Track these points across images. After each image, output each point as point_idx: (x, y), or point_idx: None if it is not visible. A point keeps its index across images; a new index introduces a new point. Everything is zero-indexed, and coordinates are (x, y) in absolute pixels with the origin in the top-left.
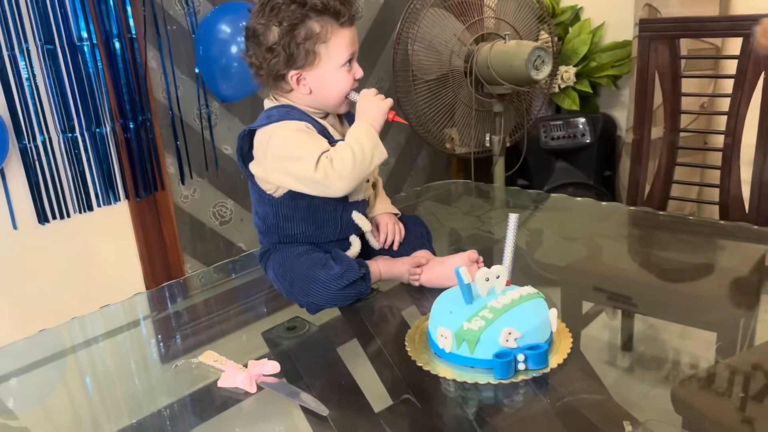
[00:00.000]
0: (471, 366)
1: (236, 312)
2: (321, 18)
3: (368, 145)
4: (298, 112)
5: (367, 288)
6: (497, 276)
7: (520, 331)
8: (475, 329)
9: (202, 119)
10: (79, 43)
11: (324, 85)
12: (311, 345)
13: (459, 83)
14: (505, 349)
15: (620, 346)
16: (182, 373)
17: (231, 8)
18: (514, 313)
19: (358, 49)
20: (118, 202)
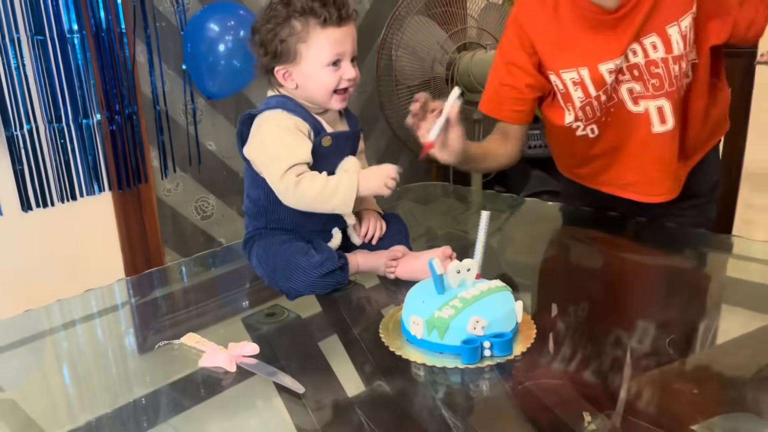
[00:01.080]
0: (440, 352)
1: (217, 300)
2: (304, 18)
3: (340, 195)
4: (293, 103)
5: (345, 278)
6: (468, 269)
7: (487, 320)
8: (445, 317)
9: (187, 115)
10: (69, 35)
11: (308, 81)
12: (289, 330)
13: (441, 90)
14: (473, 336)
15: (582, 339)
16: (165, 352)
17: (220, 7)
18: (482, 303)
19: (352, 50)
20: (101, 193)
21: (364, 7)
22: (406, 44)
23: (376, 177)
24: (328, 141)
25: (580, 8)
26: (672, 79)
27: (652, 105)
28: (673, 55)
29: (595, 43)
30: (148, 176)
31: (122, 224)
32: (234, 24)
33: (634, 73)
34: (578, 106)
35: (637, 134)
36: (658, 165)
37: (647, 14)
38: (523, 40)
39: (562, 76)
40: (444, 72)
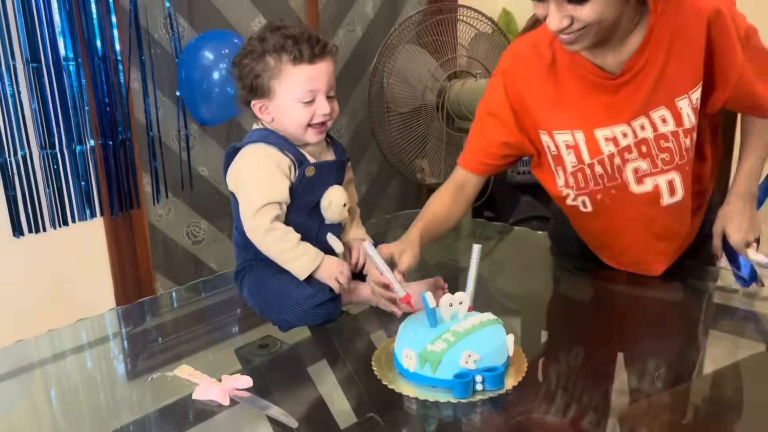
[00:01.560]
0: (432, 386)
1: (209, 330)
2: (277, 54)
3: (298, 265)
4: (275, 136)
5: (337, 309)
6: (460, 302)
7: (479, 354)
8: (437, 351)
9: (180, 140)
10: (64, 62)
11: (282, 116)
12: (282, 362)
13: (431, 117)
14: (465, 370)
15: (573, 372)
16: (158, 384)
17: (214, 36)
18: (474, 337)
19: (328, 86)
20: (94, 218)
21: (357, 35)
22: (397, 72)
23: (334, 269)
24: (312, 171)
25: (579, 68)
26: (683, 152)
27: (662, 180)
28: (684, 129)
29: (593, 107)
30: (141, 202)
31: (114, 250)
32: (228, 52)
33: (642, 150)
34: (569, 171)
35: (644, 212)
36: (665, 234)
37: (653, 85)
38: (512, 94)
39: (555, 137)
40: (435, 99)
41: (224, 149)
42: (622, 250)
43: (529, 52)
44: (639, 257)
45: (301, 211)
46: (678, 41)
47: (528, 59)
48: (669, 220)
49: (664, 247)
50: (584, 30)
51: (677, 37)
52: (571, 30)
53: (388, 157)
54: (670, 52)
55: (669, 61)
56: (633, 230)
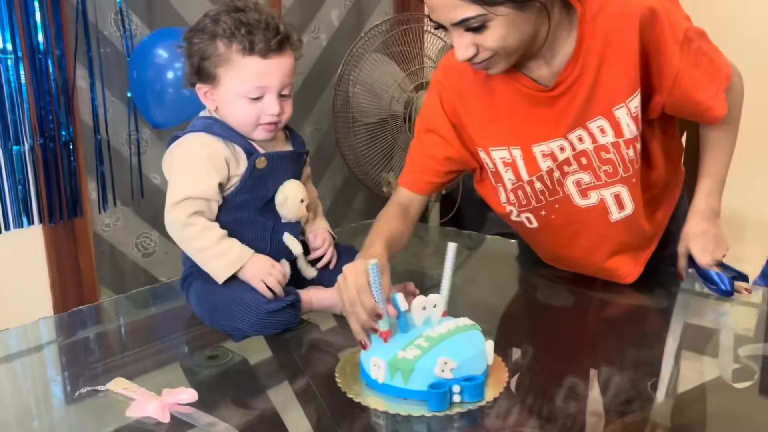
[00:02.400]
0: (404, 398)
1: (152, 342)
2: (228, 41)
3: (217, 265)
4: (220, 125)
5: (297, 317)
6: (434, 305)
7: (456, 361)
8: (410, 358)
9: (131, 145)
10: (2, 55)
11: (225, 107)
12: (234, 375)
13: (398, 128)
14: (440, 379)
15: (557, 383)
16: (88, 400)
17: (169, 33)
18: (451, 342)
19: (280, 84)
20: (31, 226)
21: (321, 43)
22: (363, 81)
23: (260, 268)
24: (263, 162)
25: (513, 81)
26: (626, 164)
27: (608, 193)
28: (625, 139)
29: (529, 122)
30: (85, 209)
31: (53, 261)
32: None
33: (582, 162)
34: (509, 188)
35: (593, 229)
36: (620, 249)
37: (588, 95)
38: (447, 106)
39: (492, 154)
40: (402, 110)
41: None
42: (576, 264)
43: (462, 64)
44: (594, 271)
45: (253, 207)
46: (611, 48)
47: (461, 72)
48: (622, 235)
49: (623, 260)
50: (493, 57)
51: (610, 43)
52: (479, 59)
53: (353, 170)
54: (602, 59)
55: (602, 68)
56: (584, 246)
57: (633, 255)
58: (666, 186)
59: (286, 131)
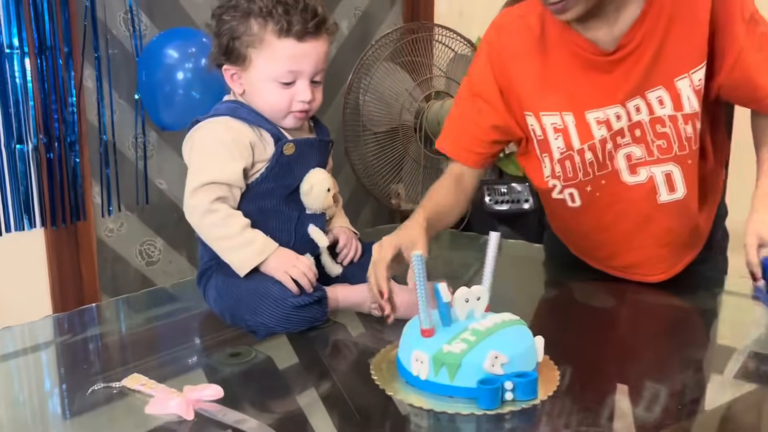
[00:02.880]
0: (450, 395)
1: (169, 339)
2: (262, 20)
3: (238, 257)
4: (246, 110)
5: (323, 314)
6: (477, 297)
7: (507, 356)
8: (456, 352)
9: (137, 148)
10: (8, 50)
11: (254, 90)
12: (257, 373)
13: (408, 138)
14: (491, 375)
15: (611, 382)
16: (101, 398)
17: (180, 33)
18: (499, 336)
19: (314, 70)
20: (32, 229)
21: (331, 52)
22: (373, 89)
23: (285, 261)
24: (291, 149)
25: (571, 43)
26: (683, 141)
27: (658, 171)
28: (684, 113)
29: (585, 87)
30: (88, 213)
31: (54, 266)
32: (195, 52)
33: (636, 134)
34: (556, 158)
35: (639, 209)
36: (665, 239)
37: (650, 63)
38: (498, 70)
39: (543, 119)
40: (412, 120)
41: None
42: (613, 252)
43: (516, 24)
44: (633, 262)
45: (279, 196)
46: (680, 15)
47: (515, 32)
48: (669, 221)
49: (665, 254)
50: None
51: (679, 10)
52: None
53: (362, 179)
54: (670, 26)
55: (669, 36)
56: (626, 229)
57: (675, 250)
58: (713, 185)
59: (310, 120)
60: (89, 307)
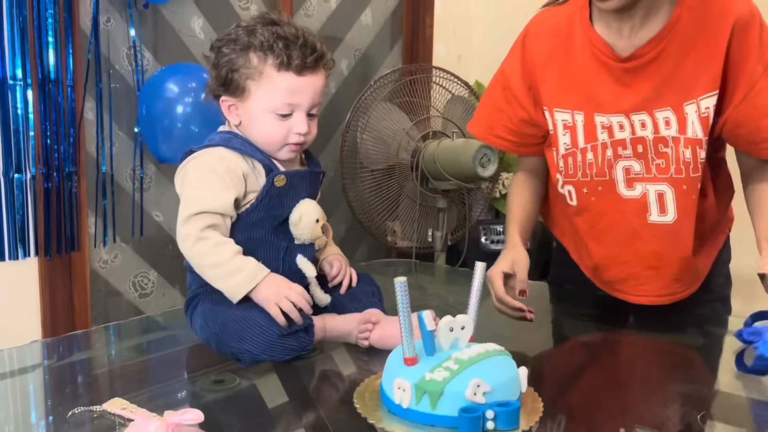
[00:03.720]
0: (431, 424)
1: (151, 365)
2: (262, 53)
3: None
4: (240, 140)
5: (310, 343)
6: (462, 327)
7: (490, 385)
8: (438, 380)
9: (134, 181)
10: (11, 81)
11: (251, 122)
12: (241, 400)
13: (405, 176)
14: (472, 404)
15: (595, 415)
16: (81, 422)
17: (180, 69)
18: (482, 366)
19: (311, 103)
20: (27, 258)
21: (330, 91)
22: (371, 127)
23: (275, 290)
24: (282, 180)
25: (592, 45)
26: (680, 165)
27: (652, 189)
28: (686, 137)
29: (597, 89)
30: (83, 244)
31: (46, 295)
32: (195, 86)
33: (638, 149)
34: (561, 153)
35: (629, 222)
36: (651, 261)
37: (663, 81)
38: (527, 68)
39: (555, 115)
40: (409, 159)
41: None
42: (602, 264)
43: (548, 23)
44: (618, 277)
45: (268, 226)
46: (700, 40)
47: (545, 31)
48: (656, 243)
49: (649, 276)
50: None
51: (701, 36)
52: None
53: (358, 216)
54: (689, 49)
55: (685, 58)
56: (615, 241)
57: (662, 277)
58: (713, 226)
59: (302, 153)
60: (76, 333)
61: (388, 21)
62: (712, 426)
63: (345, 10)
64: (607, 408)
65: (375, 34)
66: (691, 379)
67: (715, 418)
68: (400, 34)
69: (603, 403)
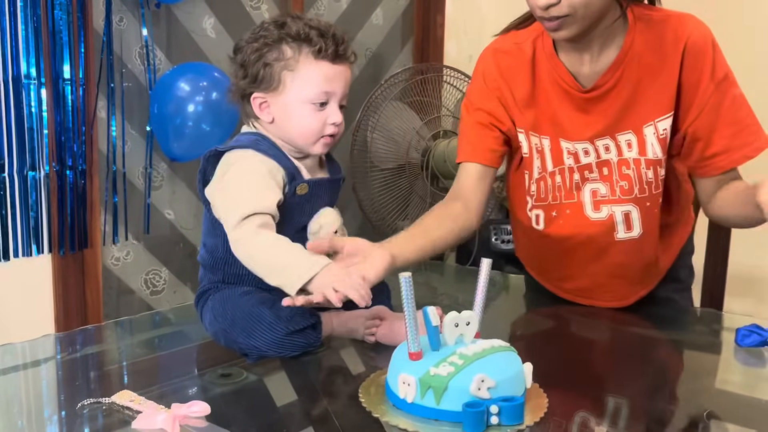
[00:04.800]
0: (435, 419)
1: (160, 359)
2: (296, 44)
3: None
4: (267, 143)
5: (317, 339)
6: (467, 322)
7: (494, 380)
8: (443, 375)
9: (146, 179)
10: (25, 80)
11: (286, 115)
12: (247, 394)
13: (415, 175)
14: (477, 399)
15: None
16: (90, 414)
17: (192, 68)
18: (487, 361)
19: (343, 93)
20: (40, 255)
21: None
22: (381, 126)
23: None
24: (304, 189)
25: (555, 72)
26: (643, 185)
27: (618, 210)
28: (647, 158)
29: (561, 117)
30: (95, 241)
31: (59, 292)
32: (206, 85)
33: (603, 172)
34: (535, 177)
35: (596, 242)
36: (618, 272)
37: (623, 107)
38: (493, 86)
39: (531, 139)
40: (419, 158)
41: (194, 193)
42: (566, 275)
43: (510, 47)
44: (583, 287)
45: (286, 233)
46: (655, 64)
47: (509, 53)
48: (623, 257)
49: (615, 285)
50: (568, 18)
51: (655, 59)
52: (556, 12)
53: (369, 215)
54: (645, 73)
55: (642, 82)
56: (583, 258)
57: (627, 283)
58: (677, 232)
59: (324, 156)
60: (88, 327)
61: (399, 20)
62: (719, 424)
63: (356, 10)
64: (612, 404)
65: (386, 34)
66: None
67: (722, 416)
68: (411, 34)
69: (608, 399)
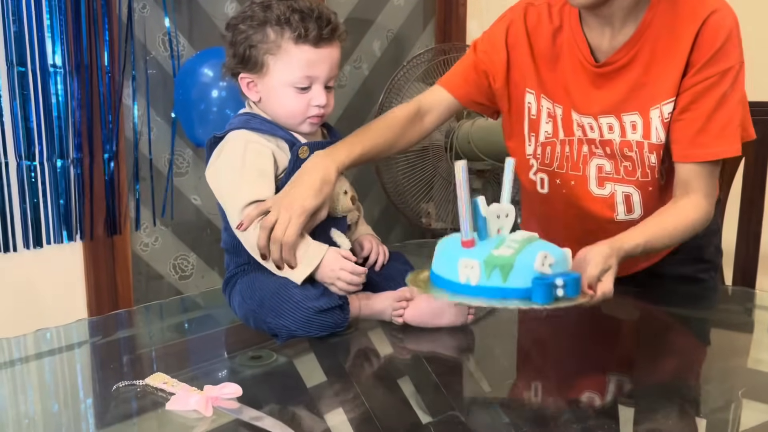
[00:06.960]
0: (502, 297)
1: (190, 342)
2: (279, 28)
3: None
4: (258, 120)
5: (345, 320)
6: (506, 214)
7: (555, 257)
8: (507, 255)
9: (172, 165)
10: (52, 69)
11: (271, 97)
12: (278, 375)
13: (438, 157)
14: (542, 274)
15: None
16: (124, 396)
17: (214, 53)
18: (538, 245)
19: (328, 75)
20: (71, 242)
21: (363, 73)
22: None
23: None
24: (306, 152)
25: (575, 43)
26: (646, 169)
27: (620, 190)
28: (650, 143)
29: (574, 88)
30: (124, 228)
31: (91, 279)
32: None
33: (606, 150)
34: (541, 140)
35: (596, 219)
36: None
37: (633, 86)
38: (512, 41)
39: (541, 101)
40: (443, 139)
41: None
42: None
43: (542, 5)
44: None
45: None
46: (669, 44)
47: (538, 16)
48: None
49: None
50: None
51: (670, 40)
52: None
53: (392, 198)
54: (658, 53)
55: (654, 63)
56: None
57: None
58: None
59: (323, 127)
60: (120, 312)
61: (420, 1)
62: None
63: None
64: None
65: (407, 15)
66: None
67: (756, 396)
68: (433, 14)
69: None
